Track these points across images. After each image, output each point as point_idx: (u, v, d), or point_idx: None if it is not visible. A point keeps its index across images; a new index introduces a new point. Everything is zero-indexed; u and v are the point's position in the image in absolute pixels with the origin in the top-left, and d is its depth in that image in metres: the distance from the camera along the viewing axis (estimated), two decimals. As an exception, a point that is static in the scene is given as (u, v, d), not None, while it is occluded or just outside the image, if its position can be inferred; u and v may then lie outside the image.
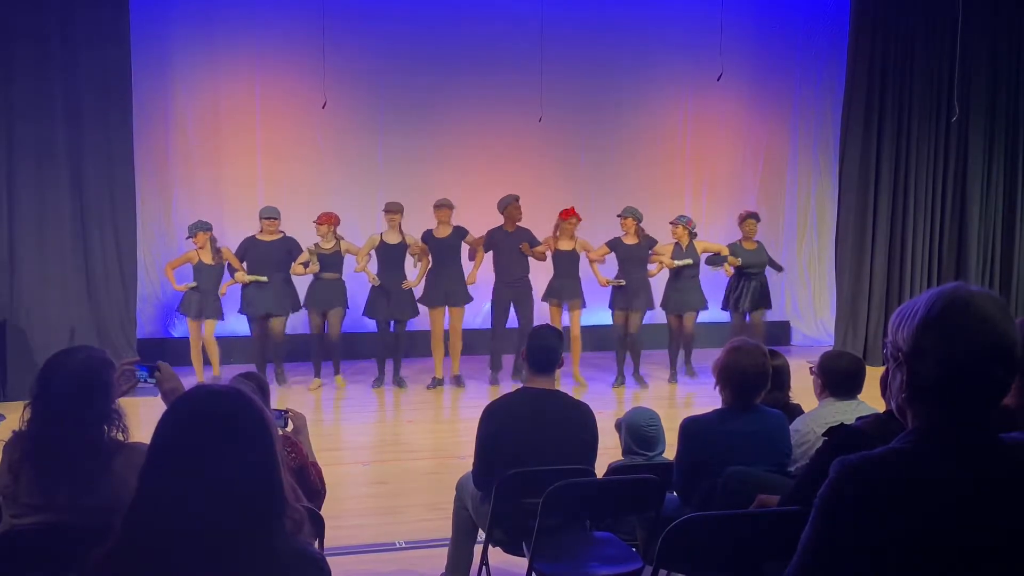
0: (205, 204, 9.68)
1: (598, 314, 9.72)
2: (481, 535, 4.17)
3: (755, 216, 9.46)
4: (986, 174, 10.81)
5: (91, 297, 8.65)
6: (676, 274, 9.10)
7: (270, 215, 8.70)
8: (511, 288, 8.94)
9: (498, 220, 8.98)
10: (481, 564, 4.17)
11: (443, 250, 8.86)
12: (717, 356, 3.92)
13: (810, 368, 4.30)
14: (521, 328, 8.94)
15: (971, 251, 10.73)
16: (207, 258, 8.59)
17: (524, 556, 3.82)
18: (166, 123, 9.69)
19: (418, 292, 8.97)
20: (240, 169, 9.92)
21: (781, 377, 4.45)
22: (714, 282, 9.51)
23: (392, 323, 8.94)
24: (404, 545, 5.14)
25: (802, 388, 4.53)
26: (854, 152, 10.40)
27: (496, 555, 4.16)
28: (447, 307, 8.91)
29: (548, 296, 9.02)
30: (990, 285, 10.50)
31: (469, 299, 9.04)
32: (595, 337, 9.97)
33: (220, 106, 9.84)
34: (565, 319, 9.06)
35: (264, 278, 8.62)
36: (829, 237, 11.09)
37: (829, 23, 10.98)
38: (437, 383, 9.02)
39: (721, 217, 10.70)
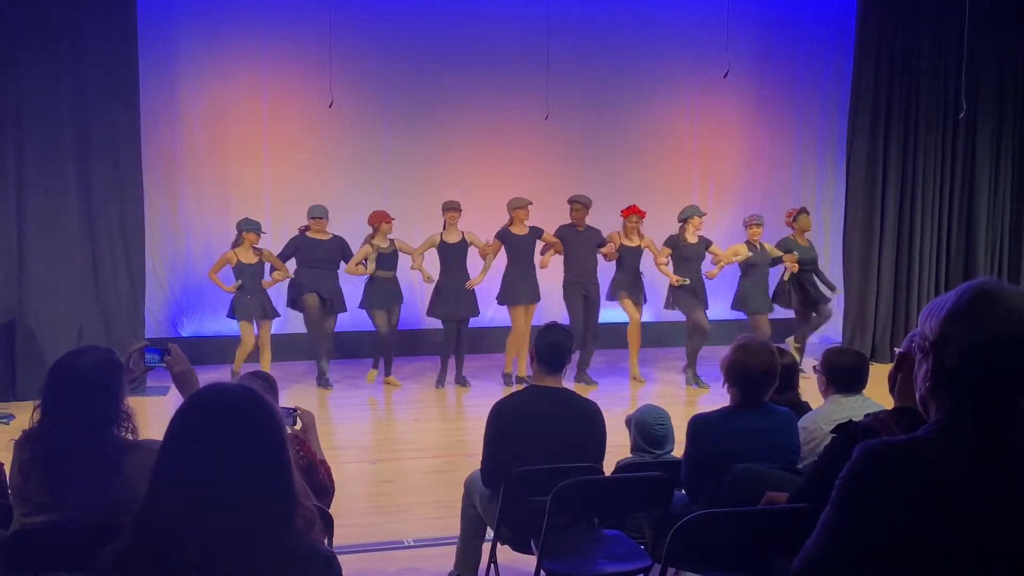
0: (212, 203, 9.70)
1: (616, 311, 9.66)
2: (489, 533, 4.18)
3: (806, 210, 9.47)
4: (994, 170, 10.78)
5: (99, 297, 8.67)
6: (746, 272, 9.14)
7: (317, 215, 8.64)
8: (583, 283, 8.97)
9: (504, 216, 8.97)
10: (489, 562, 4.18)
11: (522, 248, 8.88)
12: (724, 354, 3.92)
13: (813, 367, 4.30)
14: (588, 325, 8.96)
15: (979, 247, 10.71)
16: (247, 257, 8.51)
17: (532, 554, 3.83)
18: (173, 123, 9.70)
19: (488, 291, 9.05)
20: (246, 168, 9.93)
21: (790, 375, 4.45)
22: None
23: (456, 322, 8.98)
24: (413, 543, 5.15)
25: (811, 385, 4.53)
26: (861, 149, 10.38)
27: (504, 553, 4.16)
28: (525, 305, 8.95)
29: (616, 292, 9.05)
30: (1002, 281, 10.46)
31: (540, 296, 9.06)
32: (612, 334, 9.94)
33: (227, 105, 9.85)
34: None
35: (291, 275, 8.67)
36: (836, 234, 11.06)
37: (835, 19, 10.96)
38: (511, 379, 9.02)
39: (726, 213, 10.69)
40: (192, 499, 1.71)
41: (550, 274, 9.10)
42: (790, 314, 9.61)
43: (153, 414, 6.91)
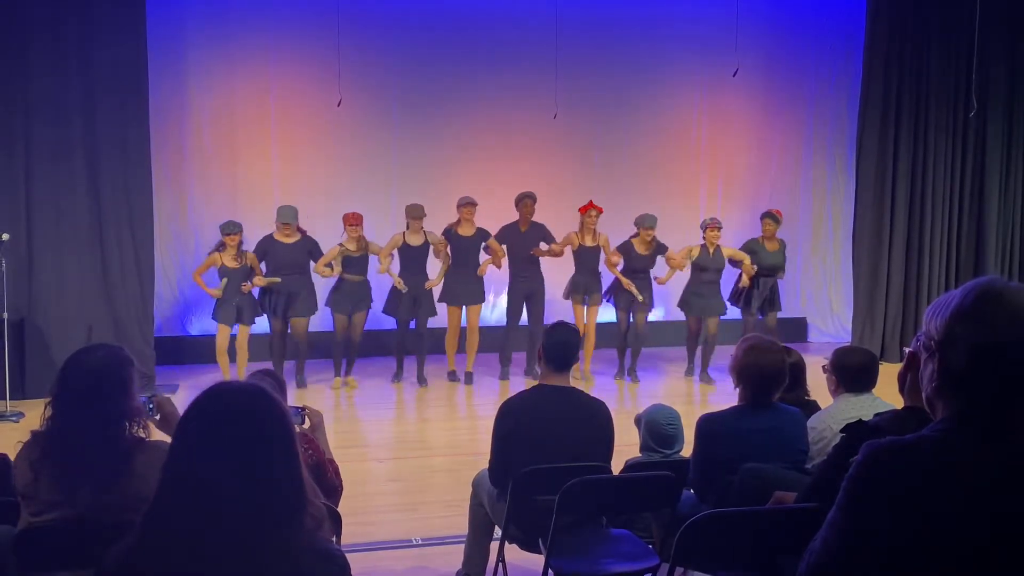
0: (221, 202, 9.70)
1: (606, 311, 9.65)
2: (497, 532, 4.18)
3: (772, 217, 9.33)
4: (1004, 169, 10.74)
5: (108, 295, 8.68)
6: (696, 277, 9.09)
7: (285, 220, 8.58)
8: (525, 283, 8.98)
9: (513, 215, 8.99)
10: (498, 561, 4.17)
11: (465, 249, 8.86)
12: (733, 354, 3.91)
13: (823, 366, 4.28)
14: (532, 325, 8.97)
15: (989, 246, 10.67)
16: (229, 261, 8.49)
17: (540, 553, 3.83)
18: (182, 122, 9.72)
19: (436, 290, 8.99)
20: (255, 167, 9.95)
21: (797, 375, 4.44)
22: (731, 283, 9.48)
23: (414, 322, 8.94)
24: (421, 542, 5.16)
25: (819, 385, 4.51)
26: (871, 147, 10.34)
27: (512, 552, 4.16)
28: (464, 306, 8.95)
29: (572, 292, 9.03)
30: (1010, 279, 10.43)
31: (484, 298, 9.14)
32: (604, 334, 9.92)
33: (235, 104, 9.87)
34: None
35: (278, 279, 8.56)
36: (845, 233, 11.04)
37: (845, 18, 10.92)
38: (453, 377, 9.10)
39: (735, 214, 10.66)
40: (201, 498, 1.71)
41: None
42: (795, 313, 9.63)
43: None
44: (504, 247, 8.97)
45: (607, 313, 9.38)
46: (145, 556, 1.74)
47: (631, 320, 9.08)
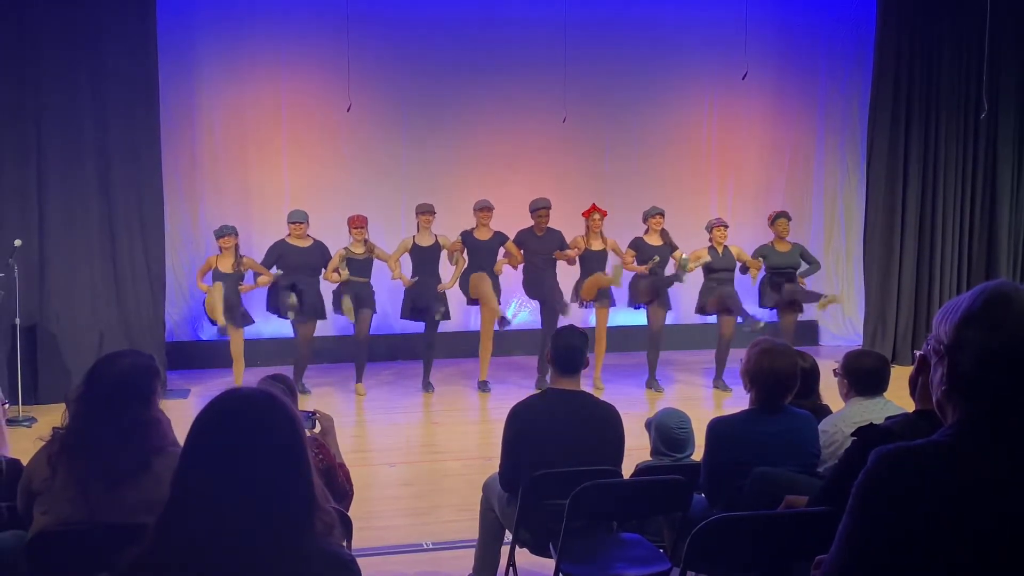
0: (232, 207, 9.74)
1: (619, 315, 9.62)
2: (508, 536, 4.18)
3: (785, 215, 9.30)
4: (1016, 171, 10.68)
5: (120, 301, 8.72)
6: (708, 280, 9.00)
7: (297, 219, 8.61)
8: (539, 288, 8.90)
9: (524, 218, 8.97)
10: (508, 565, 4.17)
11: (483, 253, 8.80)
12: (744, 358, 3.90)
13: (834, 370, 4.26)
14: (546, 329, 8.91)
15: (1001, 248, 10.61)
16: (224, 265, 8.44)
17: (551, 557, 3.83)
18: (193, 127, 9.76)
19: (450, 295, 8.93)
20: (266, 172, 9.98)
21: (811, 382, 4.42)
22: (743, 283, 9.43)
23: (424, 325, 8.86)
24: (432, 546, 5.16)
25: (830, 388, 4.49)
26: (882, 150, 10.31)
27: (523, 556, 4.16)
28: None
29: (577, 297, 8.94)
30: (1021, 283, 10.37)
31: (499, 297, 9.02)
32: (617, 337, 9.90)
33: (246, 110, 9.90)
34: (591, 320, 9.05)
35: (280, 272, 8.52)
36: (857, 235, 11.00)
37: (855, 19, 10.90)
38: (485, 387, 8.97)
39: (747, 217, 10.63)
40: (212, 503, 1.71)
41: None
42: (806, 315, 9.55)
43: (173, 418, 6.94)
44: (522, 252, 8.92)
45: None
46: (157, 561, 1.75)
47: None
